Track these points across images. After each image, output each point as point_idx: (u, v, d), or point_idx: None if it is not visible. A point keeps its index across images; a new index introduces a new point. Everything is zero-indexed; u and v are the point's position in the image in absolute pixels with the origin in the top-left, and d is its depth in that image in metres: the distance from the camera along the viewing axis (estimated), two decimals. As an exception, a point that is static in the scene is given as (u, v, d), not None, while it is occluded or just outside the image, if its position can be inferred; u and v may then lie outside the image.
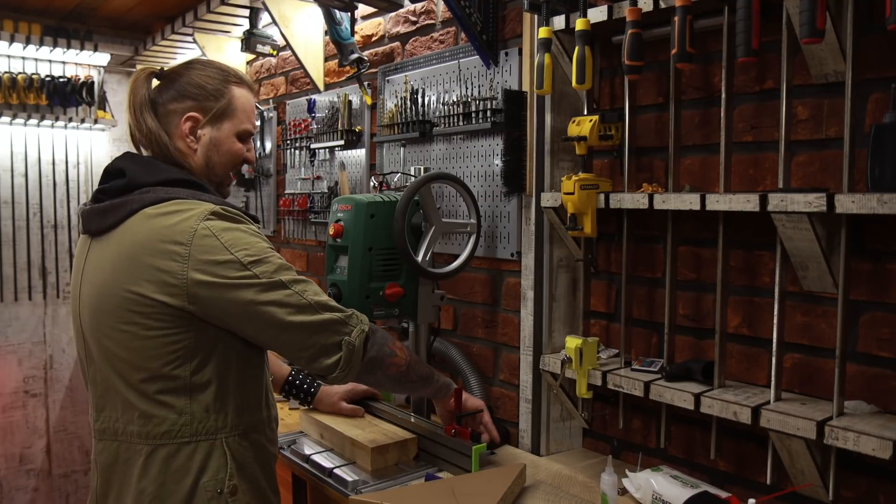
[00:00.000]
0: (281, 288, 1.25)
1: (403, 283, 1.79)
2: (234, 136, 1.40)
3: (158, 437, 1.24)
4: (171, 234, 1.21)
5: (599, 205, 1.60)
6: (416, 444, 1.79)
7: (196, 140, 1.36)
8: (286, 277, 1.26)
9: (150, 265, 1.21)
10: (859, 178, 1.29)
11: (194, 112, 1.35)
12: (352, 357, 1.31)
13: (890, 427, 1.20)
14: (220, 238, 1.22)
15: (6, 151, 3.80)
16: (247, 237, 1.26)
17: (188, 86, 1.35)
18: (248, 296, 1.22)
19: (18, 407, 3.86)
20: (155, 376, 1.24)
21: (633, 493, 1.52)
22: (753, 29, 1.26)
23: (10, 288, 3.83)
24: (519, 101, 1.84)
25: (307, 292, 1.28)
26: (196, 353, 1.25)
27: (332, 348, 1.30)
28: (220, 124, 1.38)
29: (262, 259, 1.25)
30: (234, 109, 1.39)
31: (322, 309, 1.29)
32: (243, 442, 1.31)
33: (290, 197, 2.96)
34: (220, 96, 1.37)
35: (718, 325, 1.46)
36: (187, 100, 1.35)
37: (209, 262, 1.20)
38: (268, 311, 1.23)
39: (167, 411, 1.24)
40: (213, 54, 3.24)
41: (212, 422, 1.27)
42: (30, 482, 3.87)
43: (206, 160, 1.38)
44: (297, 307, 1.26)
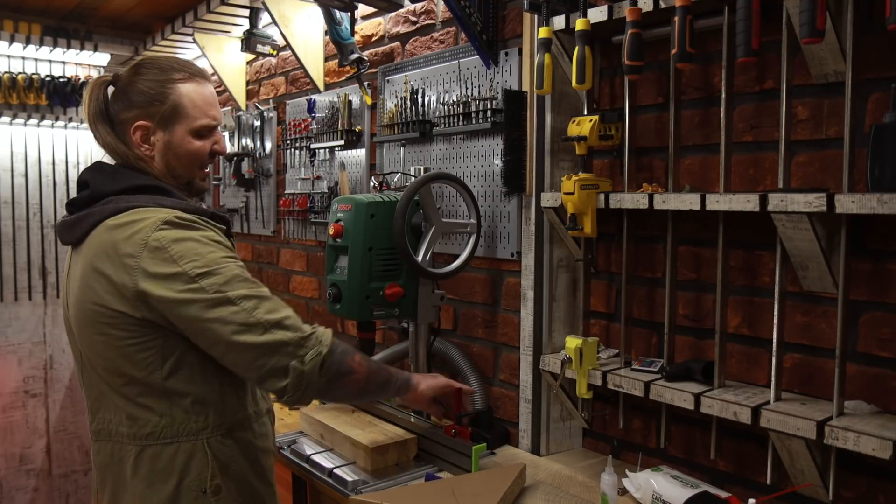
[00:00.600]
0: (227, 304, 1.19)
1: (403, 283, 1.79)
2: (190, 136, 1.36)
3: (144, 437, 1.26)
4: (125, 247, 1.21)
5: (599, 205, 1.60)
6: (416, 444, 1.79)
7: (151, 147, 1.35)
8: (235, 293, 1.20)
9: (108, 277, 1.21)
10: (859, 178, 1.29)
11: (142, 120, 1.33)
12: (301, 383, 1.23)
13: (890, 427, 1.20)
14: (169, 250, 1.20)
15: (6, 151, 3.80)
16: (198, 247, 1.22)
17: (132, 93, 1.33)
18: (193, 312, 1.19)
19: (18, 407, 3.86)
20: (132, 381, 1.25)
21: (633, 493, 1.52)
22: (753, 29, 1.26)
23: (10, 288, 3.83)
24: (519, 101, 1.84)
25: (258, 309, 1.21)
26: (166, 358, 1.24)
27: (280, 372, 1.22)
28: (171, 127, 1.34)
29: (210, 271, 1.20)
30: (182, 108, 1.34)
31: (273, 328, 1.21)
32: (227, 441, 1.31)
33: (290, 197, 2.96)
34: (163, 99, 1.33)
35: (718, 325, 1.46)
36: (133, 108, 1.33)
37: (157, 276, 1.19)
38: (213, 328, 1.19)
39: (149, 414, 1.26)
40: (213, 54, 3.24)
41: (192, 423, 1.27)
42: (30, 482, 3.87)
43: (166, 164, 1.36)
44: (244, 326, 1.19)
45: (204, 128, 1.37)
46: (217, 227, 1.31)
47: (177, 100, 1.34)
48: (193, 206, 1.32)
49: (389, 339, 2.46)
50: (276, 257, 3.19)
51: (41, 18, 3.64)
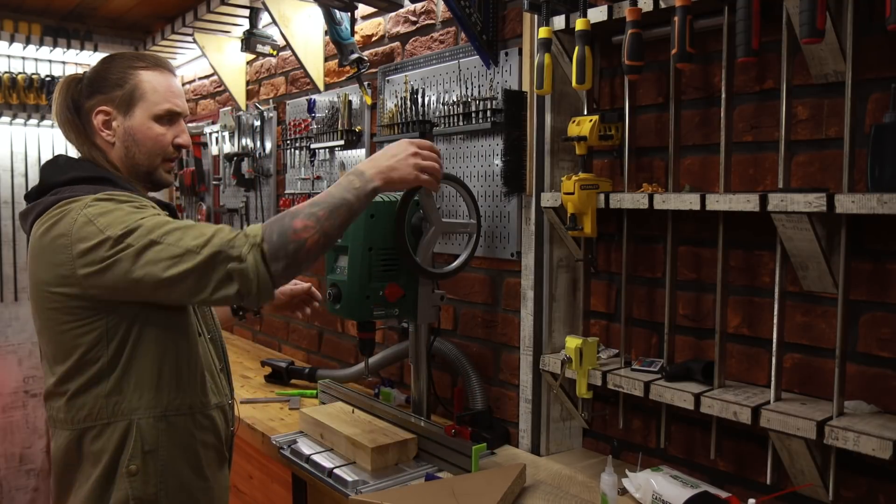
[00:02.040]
0: (152, 246, 1.20)
1: (403, 283, 1.78)
2: (151, 120, 1.37)
3: (81, 420, 1.29)
4: (58, 229, 1.24)
5: (599, 205, 1.60)
6: (416, 443, 1.79)
7: (112, 132, 1.37)
8: (158, 233, 1.21)
9: (47, 261, 1.25)
10: (859, 178, 1.29)
11: (103, 105, 1.35)
12: (250, 279, 1.20)
13: (890, 427, 1.20)
14: (96, 223, 1.21)
15: (6, 151, 3.80)
16: (125, 215, 1.23)
17: (94, 81, 1.37)
18: (124, 267, 1.20)
19: (18, 407, 3.86)
20: (75, 364, 1.28)
21: (633, 493, 1.52)
22: (753, 29, 1.26)
23: (10, 288, 3.84)
24: (519, 101, 1.84)
25: (184, 239, 1.21)
26: (112, 337, 1.27)
27: (224, 280, 1.20)
28: (131, 111, 1.36)
29: (134, 228, 1.21)
30: (143, 93, 1.36)
31: (202, 248, 1.20)
32: (159, 424, 1.31)
33: (291, 197, 2.96)
34: (123, 83, 1.36)
35: (718, 325, 1.46)
36: (95, 94, 1.36)
37: (87, 251, 1.21)
38: (146, 272, 1.19)
39: (86, 396, 1.28)
40: (213, 54, 3.24)
41: (125, 403, 1.29)
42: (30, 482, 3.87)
43: (126, 151, 1.38)
44: (174, 258, 1.19)
45: (166, 113, 1.38)
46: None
47: (137, 83, 1.36)
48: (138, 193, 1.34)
49: (389, 338, 2.46)
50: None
51: (41, 18, 3.64)
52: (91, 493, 1.29)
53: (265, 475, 2.14)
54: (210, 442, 1.41)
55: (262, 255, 1.21)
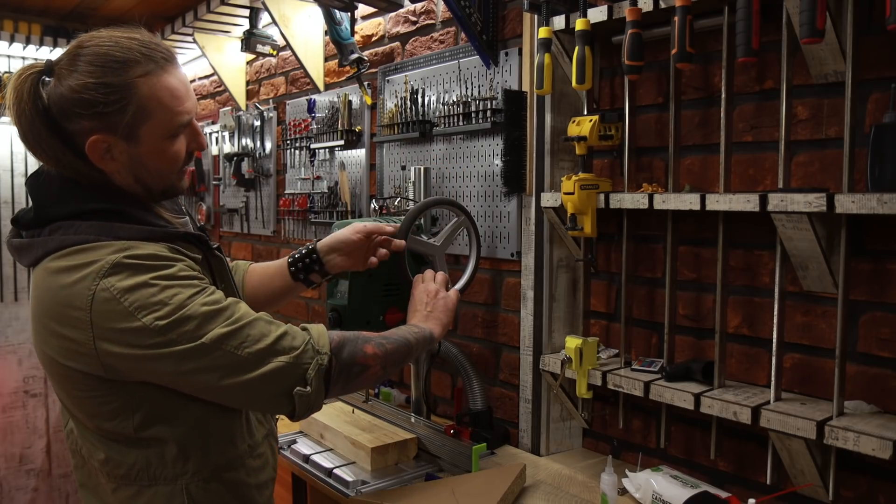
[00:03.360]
0: (207, 352, 1.02)
1: (403, 307, 1.76)
2: (163, 140, 1.09)
3: (119, 478, 1.11)
4: (69, 298, 1.01)
5: (599, 205, 1.60)
6: (416, 444, 1.79)
7: (115, 161, 1.08)
8: (211, 336, 1.02)
9: (54, 332, 1.03)
10: (859, 178, 1.29)
11: (97, 134, 1.04)
12: (309, 403, 1.09)
13: (890, 427, 1.20)
14: (122, 302, 0.99)
15: (6, 151, 3.80)
16: (159, 293, 1.01)
17: (80, 100, 1.02)
18: (169, 367, 1.02)
19: (18, 407, 3.86)
20: (99, 429, 1.10)
21: (633, 493, 1.52)
22: (753, 29, 1.26)
23: (10, 288, 3.83)
24: (519, 101, 1.84)
25: (243, 344, 1.04)
26: (135, 411, 1.07)
27: (284, 399, 1.08)
28: (137, 136, 1.07)
29: (178, 318, 1.01)
30: (149, 112, 1.06)
31: (264, 358, 1.05)
32: (211, 485, 1.14)
33: (290, 197, 2.96)
34: (124, 106, 1.04)
35: (718, 325, 1.46)
36: (82, 119, 1.03)
37: (116, 331, 1.00)
38: (195, 379, 1.03)
39: (122, 456, 1.10)
40: (214, 54, 3.24)
41: (170, 469, 1.10)
42: (30, 482, 3.87)
43: (134, 178, 1.10)
44: (231, 367, 1.03)
45: (179, 126, 1.10)
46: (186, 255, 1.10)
47: (141, 103, 1.05)
48: (160, 230, 1.10)
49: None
50: (276, 257, 3.18)
51: (41, 18, 3.64)
52: None
53: (265, 475, 2.14)
54: (264, 482, 1.26)
55: (326, 377, 1.11)
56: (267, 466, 1.27)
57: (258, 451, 1.23)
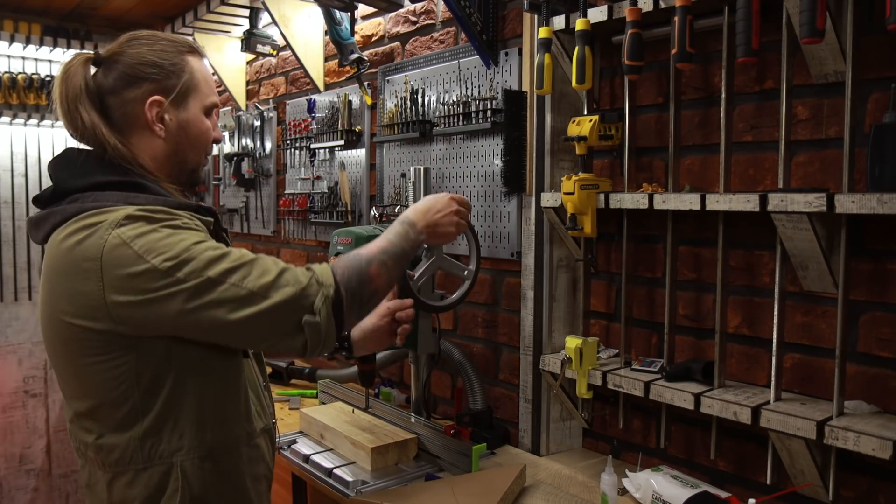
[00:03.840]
0: (213, 286, 1.05)
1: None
2: (202, 113, 1.23)
3: (113, 464, 1.12)
4: (81, 252, 1.05)
5: (599, 205, 1.60)
6: (416, 444, 1.79)
7: (164, 127, 1.19)
8: (216, 271, 1.06)
9: (66, 289, 1.07)
10: (859, 178, 1.29)
11: (157, 95, 1.17)
12: (320, 332, 1.10)
13: (890, 427, 1.20)
14: (133, 246, 1.04)
15: (6, 151, 3.80)
16: (167, 237, 1.06)
17: (141, 65, 1.17)
18: (177, 306, 1.04)
19: (18, 407, 3.86)
20: (101, 404, 1.11)
21: (633, 493, 1.52)
22: (753, 29, 1.26)
23: (10, 288, 3.83)
24: (519, 101, 1.84)
25: (248, 278, 1.07)
26: (141, 375, 1.09)
27: (293, 331, 1.10)
28: (186, 103, 1.21)
29: (184, 259, 1.05)
30: (196, 83, 1.21)
31: (269, 291, 1.07)
32: (205, 465, 1.14)
33: (290, 197, 2.96)
34: (180, 72, 1.19)
35: (718, 325, 1.46)
36: (144, 82, 1.16)
37: (124, 277, 1.03)
38: (205, 315, 1.05)
39: (117, 438, 1.11)
40: (213, 54, 3.24)
41: (164, 444, 1.12)
42: (30, 482, 3.87)
43: (176, 147, 1.21)
44: (238, 300, 1.06)
45: (212, 105, 1.25)
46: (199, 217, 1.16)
47: (192, 73, 1.21)
48: (174, 200, 1.16)
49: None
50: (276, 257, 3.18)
51: (41, 18, 3.64)
52: None
53: (265, 475, 2.14)
54: (260, 473, 1.26)
55: (336, 302, 1.12)
56: (262, 461, 1.27)
57: (254, 442, 1.24)
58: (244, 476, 1.21)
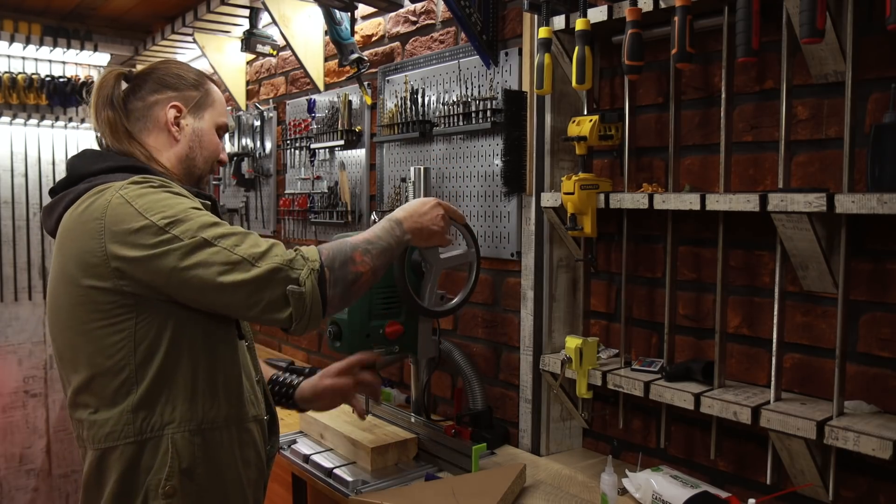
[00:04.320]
0: (205, 246, 1.12)
1: (403, 320, 1.75)
2: (215, 129, 1.37)
3: (103, 439, 1.16)
4: (90, 212, 1.14)
5: (599, 205, 1.60)
6: (416, 444, 1.79)
7: (180, 129, 1.32)
8: (211, 234, 1.13)
9: (75, 250, 1.15)
10: (859, 178, 1.29)
11: (177, 101, 1.32)
12: (305, 305, 1.15)
13: (890, 427, 1.20)
14: (134, 204, 1.13)
15: (6, 151, 3.80)
16: (167, 199, 1.15)
17: (167, 76, 1.33)
18: (171, 262, 1.11)
19: (18, 407, 3.86)
20: (99, 374, 1.16)
21: (633, 493, 1.52)
22: (753, 29, 1.26)
23: (10, 288, 3.83)
24: (519, 101, 1.84)
25: (240, 246, 1.13)
26: (140, 342, 1.15)
27: (280, 301, 1.14)
28: (202, 114, 1.35)
29: (181, 219, 1.13)
30: (212, 101, 1.37)
31: (259, 260, 1.13)
32: (195, 439, 1.18)
33: (290, 197, 2.96)
34: (199, 86, 1.36)
35: (718, 325, 1.46)
36: (167, 89, 1.32)
37: (124, 233, 1.11)
38: (195, 274, 1.11)
39: (109, 412, 1.16)
40: (213, 54, 3.24)
41: (157, 417, 1.16)
42: (30, 482, 3.87)
43: (189, 151, 1.33)
44: (228, 264, 1.12)
45: (224, 126, 1.40)
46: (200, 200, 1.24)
47: (210, 90, 1.37)
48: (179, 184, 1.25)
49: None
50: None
51: (41, 18, 3.64)
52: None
53: (265, 475, 2.14)
54: (250, 459, 1.28)
55: (321, 279, 1.17)
56: (253, 447, 1.30)
57: (245, 426, 1.28)
58: (234, 457, 1.25)
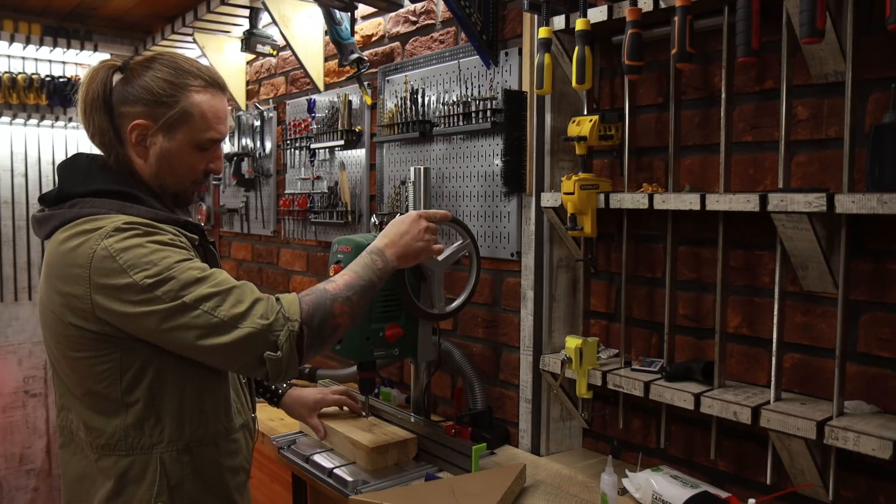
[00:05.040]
0: (187, 311, 1.13)
1: (403, 323, 1.75)
2: (193, 147, 1.27)
3: (100, 448, 1.22)
4: (74, 258, 1.15)
5: (599, 205, 1.60)
6: (416, 443, 1.79)
7: (146, 150, 1.25)
8: (192, 296, 1.13)
9: (61, 290, 1.17)
10: (859, 178, 1.29)
11: (142, 119, 1.23)
12: (281, 366, 1.17)
13: (890, 427, 1.20)
14: (118, 259, 1.13)
15: (6, 151, 3.80)
16: (150, 254, 1.14)
17: (139, 89, 1.23)
18: (152, 324, 1.13)
19: (18, 407, 3.86)
20: (89, 392, 1.21)
21: (633, 493, 1.52)
22: (753, 29, 1.26)
23: (10, 288, 3.83)
24: (519, 101, 1.84)
25: (220, 308, 1.14)
26: (125, 371, 1.19)
27: (257, 363, 1.16)
28: (173, 134, 1.25)
29: (164, 278, 1.13)
30: (190, 117, 1.25)
31: (238, 322, 1.14)
32: (183, 457, 1.23)
33: (290, 197, 2.96)
34: (172, 103, 1.23)
35: (718, 325, 1.46)
36: (136, 104, 1.23)
37: (109, 287, 1.13)
38: (176, 336, 1.14)
39: (105, 424, 1.21)
40: (213, 54, 3.24)
41: (146, 437, 1.21)
42: (30, 482, 3.87)
43: (157, 171, 1.27)
44: (208, 328, 1.13)
45: (208, 141, 1.29)
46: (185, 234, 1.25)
47: (187, 108, 1.25)
48: (164, 214, 1.24)
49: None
50: (277, 257, 3.19)
51: (41, 18, 3.64)
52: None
53: (265, 475, 2.14)
54: (237, 465, 1.33)
55: (298, 342, 1.18)
56: (240, 454, 1.35)
57: (233, 437, 1.32)
58: (221, 468, 1.30)
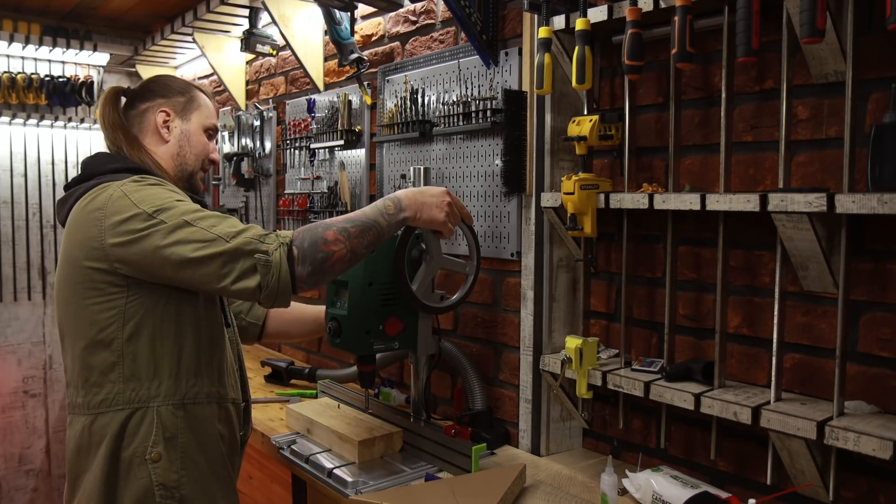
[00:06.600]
0: (186, 227, 1.27)
1: (403, 316, 1.76)
2: (203, 130, 1.54)
3: (97, 405, 1.33)
4: (94, 204, 1.32)
5: (599, 205, 1.60)
6: (401, 436, 1.82)
7: (169, 132, 1.51)
8: (192, 217, 1.28)
9: (80, 237, 1.32)
10: (859, 178, 1.29)
11: (165, 107, 1.50)
12: (271, 272, 1.25)
13: (890, 427, 1.20)
14: (131, 197, 1.30)
15: (6, 151, 3.80)
16: (158, 192, 1.32)
17: (155, 86, 1.53)
18: (155, 241, 1.26)
19: (18, 407, 3.86)
20: (92, 343, 1.33)
21: (633, 494, 1.52)
22: (753, 29, 1.26)
23: (10, 288, 3.83)
24: (519, 101, 1.84)
25: (218, 227, 1.28)
26: (128, 320, 1.32)
27: (249, 271, 1.26)
28: (189, 116, 1.53)
29: (167, 207, 1.29)
30: (199, 104, 1.54)
31: (233, 237, 1.27)
32: (178, 412, 1.36)
33: (290, 197, 2.96)
34: (185, 92, 1.53)
35: (718, 325, 1.46)
36: (156, 97, 1.51)
37: (119, 223, 1.28)
38: (175, 250, 1.26)
39: (104, 379, 1.33)
40: (213, 54, 3.24)
41: (144, 390, 1.33)
42: (29, 482, 3.87)
43: (179, 149, 1.51)
44: (204, 241, 1.26)
45: (212, 128, 1.57)
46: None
47: (196, 96, 1.55)
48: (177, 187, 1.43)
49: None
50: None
51: (41, 18, 3.64)
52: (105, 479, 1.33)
53: (265, 475, 2.14)
54: (226, 435, 1.46)
55: (289, 255, 1.28)
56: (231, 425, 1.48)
57: (225, 405, 1.46)
58: (214, 429, 1.42)
